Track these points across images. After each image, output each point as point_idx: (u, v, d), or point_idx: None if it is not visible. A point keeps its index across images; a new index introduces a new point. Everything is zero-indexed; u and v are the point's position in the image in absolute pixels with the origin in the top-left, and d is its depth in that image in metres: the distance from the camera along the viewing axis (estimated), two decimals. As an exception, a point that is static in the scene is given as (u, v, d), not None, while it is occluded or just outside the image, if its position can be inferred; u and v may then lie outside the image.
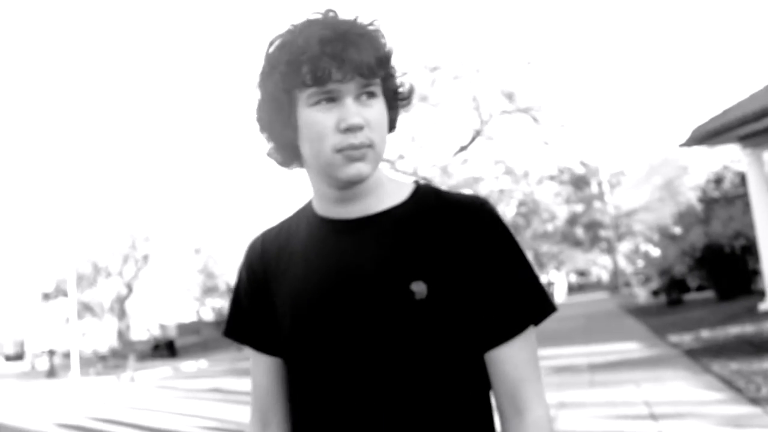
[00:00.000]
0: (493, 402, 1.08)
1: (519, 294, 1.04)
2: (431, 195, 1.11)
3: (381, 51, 1.03)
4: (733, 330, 10.71)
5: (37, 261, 33.37)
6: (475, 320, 1.03)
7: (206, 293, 38.02)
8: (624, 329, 14.95)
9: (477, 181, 22.55)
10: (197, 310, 40.95)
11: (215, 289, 36.84)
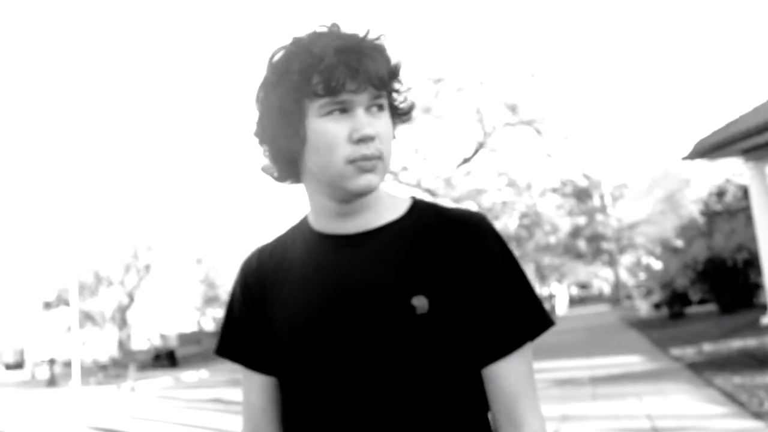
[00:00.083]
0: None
1: (516, 310, 1.04)
2: (429, 210, 1.11)
3: (392, 64, 1.04)
4: (736, 344, 10.66)
5: (39, 269, 33.41)
6: (473, 336, 1.03)
7: (207, 303, 38.10)
8: (626, 342, 14.90)
9: (480, 193, 22.57)
10: (198, 320, 41.02)
11: (216, 299, 36.90)
